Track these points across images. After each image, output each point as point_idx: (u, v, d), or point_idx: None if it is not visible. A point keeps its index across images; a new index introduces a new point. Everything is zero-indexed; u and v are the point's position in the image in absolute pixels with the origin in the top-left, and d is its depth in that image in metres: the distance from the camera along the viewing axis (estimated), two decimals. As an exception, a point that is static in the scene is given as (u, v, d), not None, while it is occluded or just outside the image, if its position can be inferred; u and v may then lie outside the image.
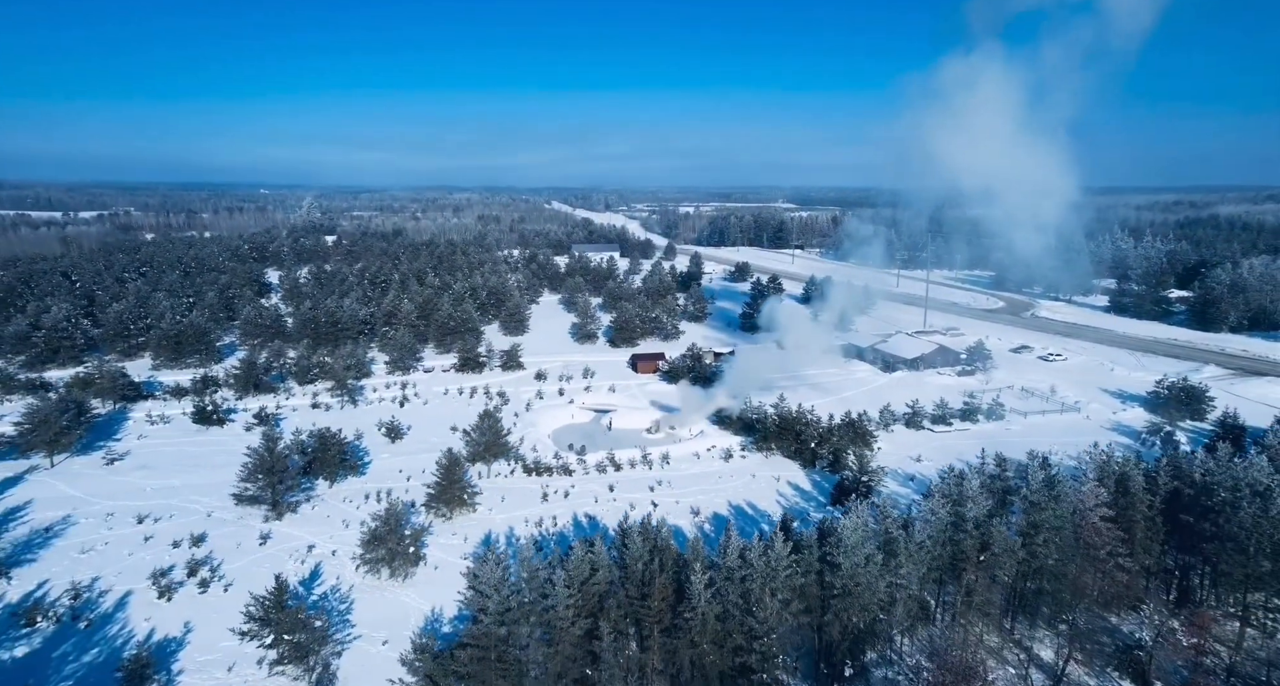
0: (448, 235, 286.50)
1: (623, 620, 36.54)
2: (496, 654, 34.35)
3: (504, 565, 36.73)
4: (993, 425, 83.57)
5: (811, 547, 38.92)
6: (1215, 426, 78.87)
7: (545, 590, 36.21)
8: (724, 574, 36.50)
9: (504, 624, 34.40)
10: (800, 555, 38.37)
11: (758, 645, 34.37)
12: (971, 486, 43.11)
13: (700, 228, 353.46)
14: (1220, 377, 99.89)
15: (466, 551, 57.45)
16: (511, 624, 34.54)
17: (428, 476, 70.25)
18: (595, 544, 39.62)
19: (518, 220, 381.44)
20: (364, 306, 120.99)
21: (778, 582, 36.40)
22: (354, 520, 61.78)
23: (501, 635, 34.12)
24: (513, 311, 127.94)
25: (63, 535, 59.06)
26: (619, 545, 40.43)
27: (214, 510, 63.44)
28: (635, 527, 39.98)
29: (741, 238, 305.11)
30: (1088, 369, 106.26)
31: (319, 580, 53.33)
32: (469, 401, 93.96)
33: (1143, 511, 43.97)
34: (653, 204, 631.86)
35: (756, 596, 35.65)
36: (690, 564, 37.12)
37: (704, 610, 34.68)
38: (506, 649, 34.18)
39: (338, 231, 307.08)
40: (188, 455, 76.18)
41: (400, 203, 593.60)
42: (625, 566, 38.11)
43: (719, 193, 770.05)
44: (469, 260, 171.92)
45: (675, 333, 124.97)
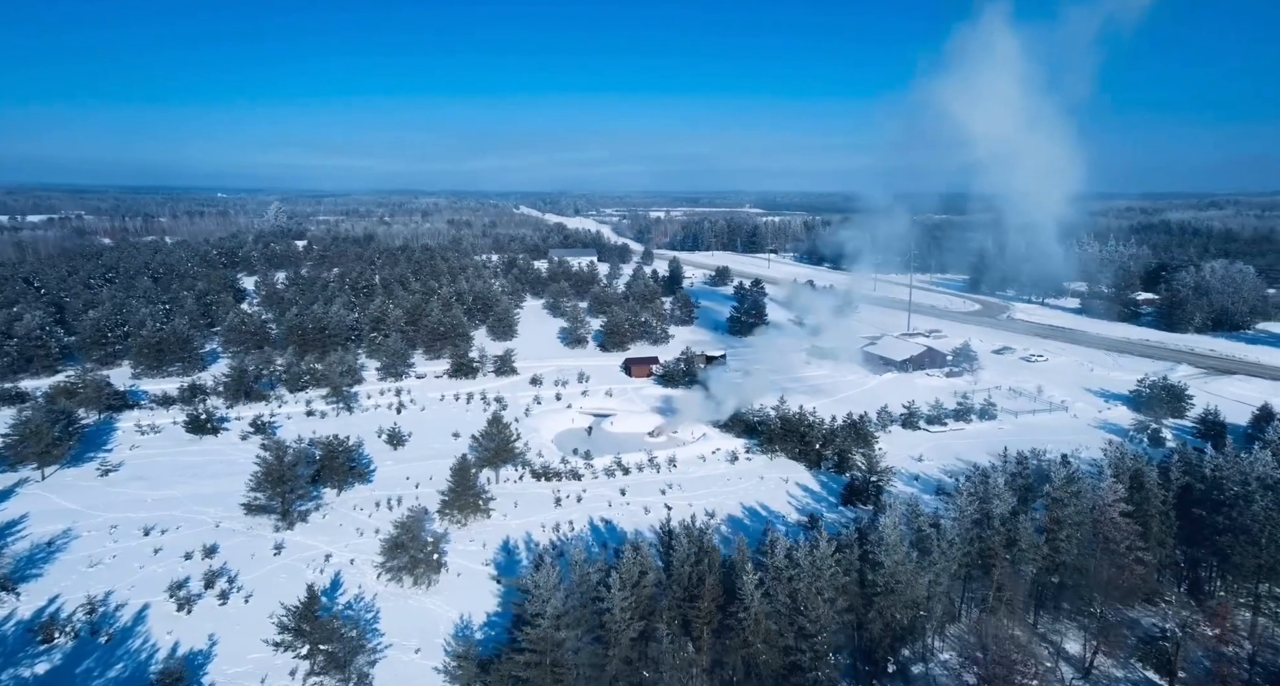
0: (421, 240, 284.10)
1: (671, 622, 36.93)
2: (552, 658, 34.49)
3: (557, 569, 36.85)
4: (986, 425, 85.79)
5: (852, 546, 39.80)
6: (1196, 423, 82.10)
7: (597, 593, 36.43)
8: (771, 574, 37.12)
9: (560, 628, 34.57)
10: (841, 554, 39.22)
11: (808, 644, 35.06)
12: (997, 484, 44.50)
13: (673, 232, 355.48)
14: (1193, 377, 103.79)
15: (487, 558, 57.31)
16: (567, 628, 34.72)
17: (436, 483, 70.04)
18: (640, 547, 39.98)
19: (489, 225, 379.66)
20: (350, 312, 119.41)
21: (822, 582, 37.16)
22: (368, 528, 61.21)
23: (558, 639, 34.28)
24: (501, 316, 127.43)
25: (66, 549, 57.43)
26: (662, 547, 40.82)
27: (221, 520, 62.23)
28: (682, 530, 40.39)
29: (715, 242, 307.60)
30: (1068, 369, 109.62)
31: (341, 589, 52.71)
32: (466, 407, 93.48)
33: (1157, 506, 45.82)
34: (621, 209, 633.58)
35: (804, 596, 36.35)
36: (739, 565, 37.70)
37: (756, 610, 35.26)
38: (561, 653, 34.34)
39: (307, 236, 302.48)
40: (184, 465, 74.55)
41: (366, 207, 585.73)
42: (671, 568, 38.50)
43: (686, 197, 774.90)
44: (450, 265, 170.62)
45: (665, 337, 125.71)
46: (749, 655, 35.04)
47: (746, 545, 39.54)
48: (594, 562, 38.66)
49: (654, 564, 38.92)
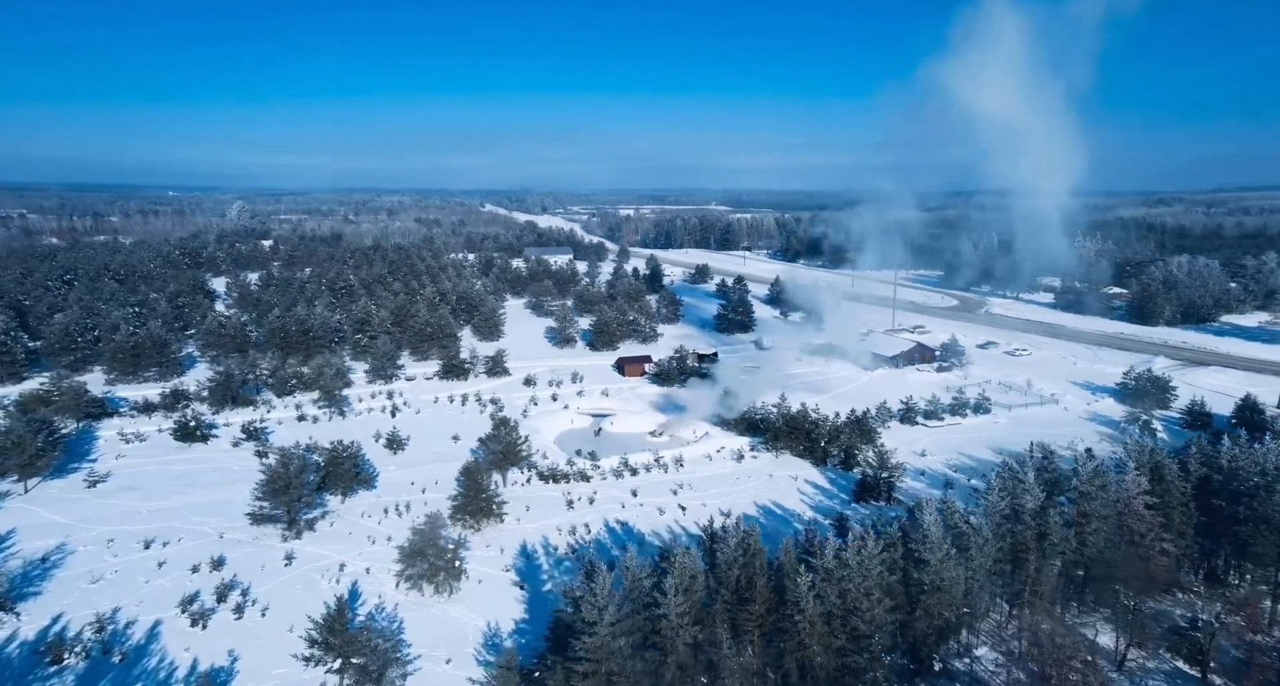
0: (391, 239, 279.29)
1: (722, 626, 36.54)
2: (607, 667, 33.88)
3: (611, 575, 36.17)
4: (981, 419, 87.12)
5: (895, 545, 39.89)
6: (1183, 414, 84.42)
7: (650, 599, 35.86)
8: (821, 575, 36.95)
9: (616, 636, 33.96)
10: (886, 553, 39.24)
11: (863, 644, 35.01)
12: (1028, 479, 45.07)
13: (644, 230, 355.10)
14: (1171, 369, 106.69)
15: (506, 563, 56.38)
16: (622, 635, 34.14)
17: (442, 488, 68.83)
18: (690, 551, 39.55)
19: (458, 223, 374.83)
20: (333, 314, 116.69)
21: (870, 582, 37.14)
22: (379, 536, 59.79)
23: (616, 647, 33.68)
24: (487, 316, 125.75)
25: (62, 565, 54.99)
26: (704, 550, 40.43)
27: (225, 531, 60.23)
28: (730, 533, 40.02)
29: (689, 240, 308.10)
30: (1052, 363, 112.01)
31: (360, 600, 51.33)
32: (462, 409, 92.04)
33: (1178, 498, 46.87)
34: (589, 206, 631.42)
35: (853, 596, 36.29)
36: (788, 566, 37.49)
37: (811, 612, 35.07)
38: (619, 661, 33.75)
39: (272, 236, 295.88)
40: (176, 474, 72.04)
41: (328, 205, 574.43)
42: (717, 571, 38.14)
43: (653, 195, 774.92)
44: (428, 265, 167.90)
45: (653, 335, 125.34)
46: (804, 657, 34.81)
47: (792, 545, 39.33)
48: (643, 568, 38.02)
49: (701, 567, 38.46)
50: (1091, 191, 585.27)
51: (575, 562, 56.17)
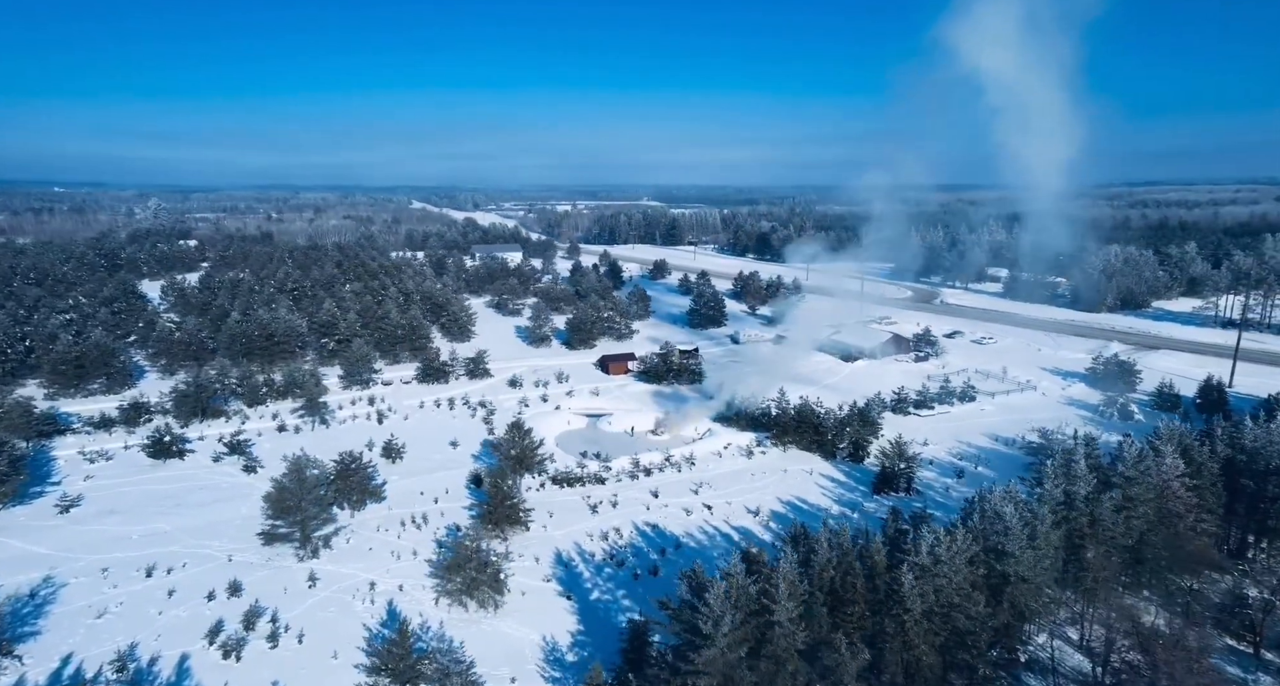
0: (326, 238, 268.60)
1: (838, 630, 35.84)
2: (722, 678, 32.91)
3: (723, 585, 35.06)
4: (969, 407, 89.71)
5: (977, 536, 40.24)
6: (1152, 396, 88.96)
7: (757, 605, 34.97)
8: (916, 572, 36.84)
9: (733, 646, 32.98)
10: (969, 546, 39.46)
11: (970, 640, 35.10)
12: (1080, 467, 46.35)
13: (585, 226, 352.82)
14: (1126, 353, 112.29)
15: (545, 573, 54.45)
16: (739, 644, 33.19)
17: (453, 497, 66.49)
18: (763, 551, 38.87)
19: (392, 221, 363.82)
20: (299, 317, 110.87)
21: (960, 577, 37.29)
22: (402, 550, 56.88)
23: (734, 659, 32.70)
24: (456, 316, 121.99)
25: (56, 600, 50.13)
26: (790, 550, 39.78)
27: (233, 553, 56.14)
28: (823, 532, 39.49)
29: (633, 235, 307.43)
30: (1017, 350, 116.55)
31: (400, 619, 48.51)
32: (451, 414, 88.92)
33: (1208, 478, 49.13)
34: (520, 203, 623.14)
35: (947, 592, 36.34)
36: (877, 564, 37.27)
37: (918, 611, 34.95)
38: (739, 672, 32.80)
39: (194, 235, 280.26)
40: (158, 494, 66.90)
41: (245, 203, 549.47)
42: (810, 572, 37.63)
43: (585, 191, 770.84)
44: (380, 264, 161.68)
45: (629, 332, 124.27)
46: (913, 657, 34.63)
47: (880, 541, 39.19)
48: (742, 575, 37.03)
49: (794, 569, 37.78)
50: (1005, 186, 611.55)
51: (616, 569, 54.86)
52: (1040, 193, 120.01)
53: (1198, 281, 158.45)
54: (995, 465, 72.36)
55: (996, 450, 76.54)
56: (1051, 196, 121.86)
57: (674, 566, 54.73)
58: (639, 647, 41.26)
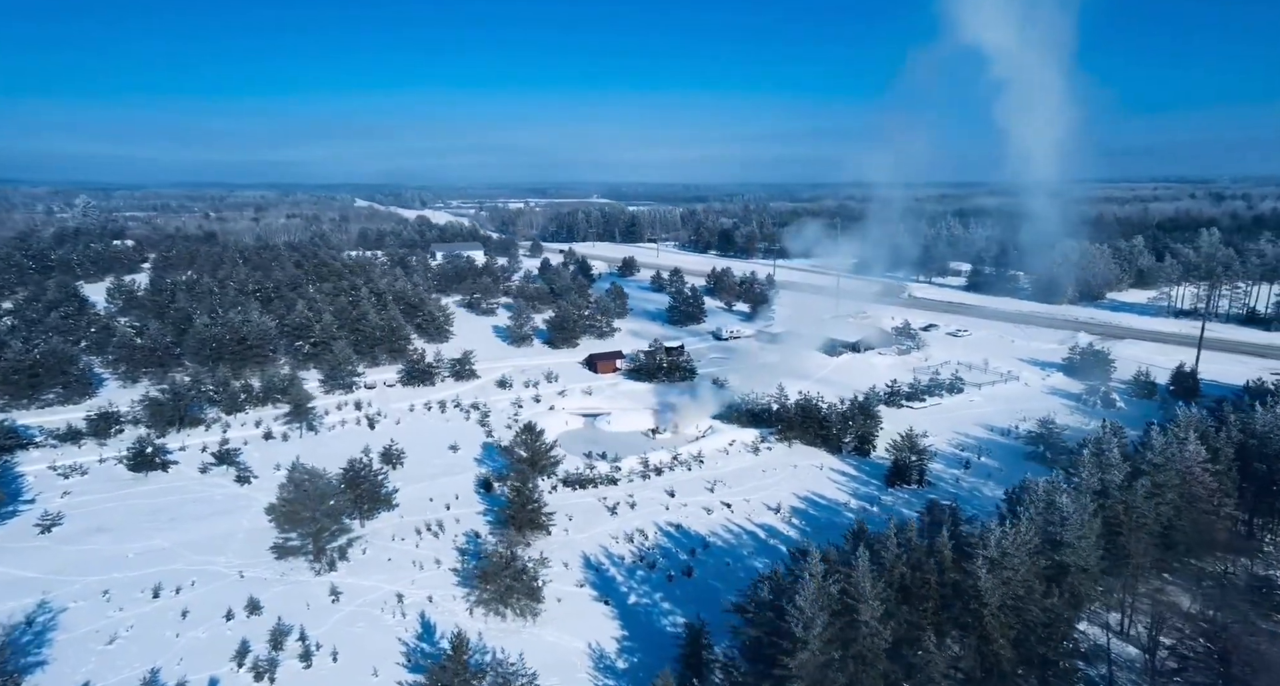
0: (275, 237, 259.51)
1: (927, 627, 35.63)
2: (812, 681, 32.45)
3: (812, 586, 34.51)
4: (959, 398, 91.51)
5: (1036, 528, 40.66)
6: (1130, 384, 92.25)
7: (840, 605, 34.56)
8: (986, 565, 36.99)
9: (827, 646, 32.51)
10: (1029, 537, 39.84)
11: (1045, 632, 35.37)
12: (1114, 455, 47.52)
13: (541, 224, 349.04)
14: (1094, 343, 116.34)
15: (577, 578, 53.17)
16: (831, 644, 32.75)
17: (464, 503, 64.79)
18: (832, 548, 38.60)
19: (340, 220, 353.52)
20: (272, 319, 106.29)
21: (1026, 568, 37.63)
22: (423, 560, 54.90)
23: (826, 662, 32.24)
24: (433, 316, 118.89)
25: (58, 626, 46.70)
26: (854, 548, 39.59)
27: (242, 569, 53.27)
28: (891, 528, 39.34)
29: (591, 233, 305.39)
30: (992, 342, 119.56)
31: (436, 632, 46.76)
32: (444, 417, 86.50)
33: (1224, 463, 50.98)
34: (469, 201, 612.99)
35: (1015, 584, 36.61)
36: (944, 559, 37.37)
37: (995, 605, 35.12)
38: (829, 673, 32.37)
39: (127, 235, 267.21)
40: (146, 510, 63.14)
41: (176, 201, 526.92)
42: (883, 569, 37.48)
43: (533, 189, 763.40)
44: (345, 264, 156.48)
45: (610, 330, 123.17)
46: (990, 651, 34.73)
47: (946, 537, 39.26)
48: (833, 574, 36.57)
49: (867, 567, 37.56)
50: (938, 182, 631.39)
51: (648, 571, 53.99)
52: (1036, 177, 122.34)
53: (1145, 273, 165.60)
54: (996, 455, 73.92)
55: (994, 440, 78.13)
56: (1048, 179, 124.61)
57: (705, 567, 54.43)
58: (696, 652, 40.56)
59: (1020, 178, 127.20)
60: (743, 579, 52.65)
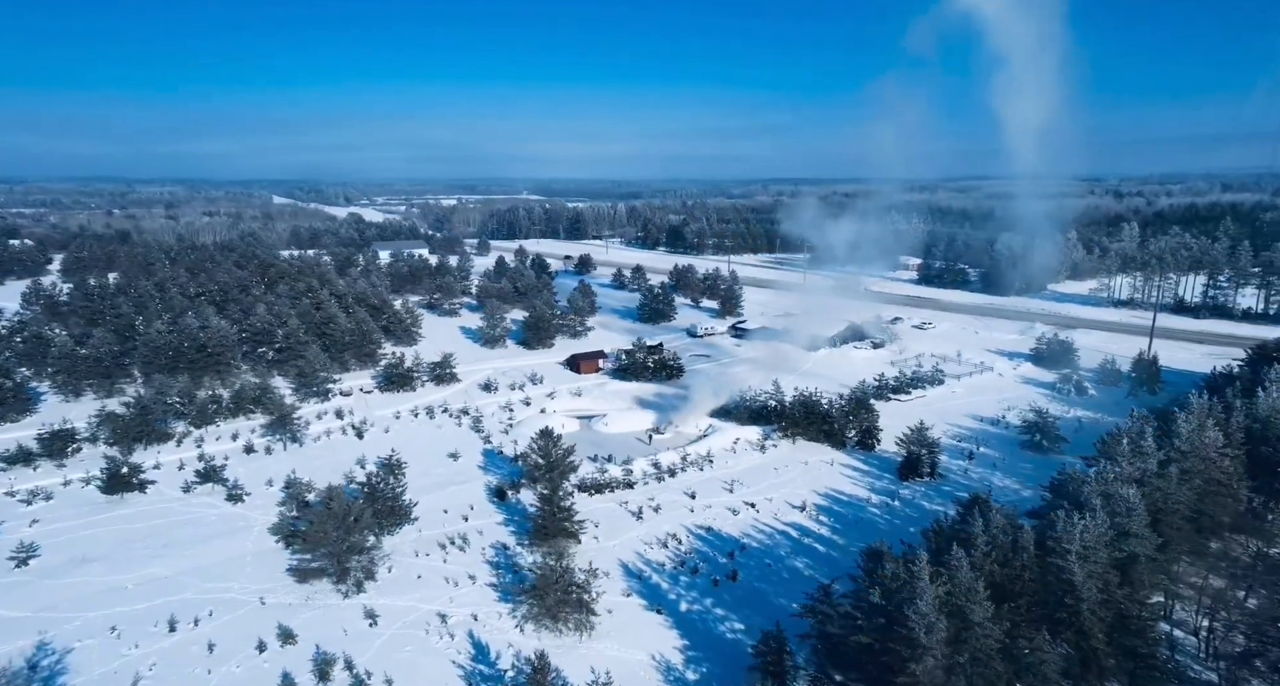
0: (199, 237, 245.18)
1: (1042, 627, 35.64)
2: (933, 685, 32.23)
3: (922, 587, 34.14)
4: (940, 390, 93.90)
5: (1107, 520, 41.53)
6: (1096, 372, 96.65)
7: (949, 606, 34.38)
8: (1077, 559, 37.44)
9: (946, 652, 32.26)
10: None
11: (1135, 625, 36.08)
12: (1149, 443, 49.33)
13: (478, 221, 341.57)
14: (1051, 333, 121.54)
15: (621, 587, 51.64)
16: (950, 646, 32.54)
17: (481, 514, 62.57)
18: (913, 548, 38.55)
19: (263, 217, 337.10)
20: (232, 324, 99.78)
21: (1105, 560, 38.36)
22: (456, 575, 52.36)
23: (949, 666, 32.00)
24: (400, 319, 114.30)
25: (66, 669, 42.30)
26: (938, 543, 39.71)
27: (262, 595, 49.53)
28: (979, 523, 39.47)
29: (534, 230, 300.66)
30: (955, 334, 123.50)
31: (493, 653, 44.49)
32: (435, 424, 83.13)
33: (1236, 447, 53.71)
34: (394, 197, 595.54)
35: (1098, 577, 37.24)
36: (1028, 552, 37.82)
37: (1091, 600, 35.65)
38: (953, 677, 32.17)
39: (23, 234, 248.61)
40: (132, 535, 58.21)
41: (69, 197, 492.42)
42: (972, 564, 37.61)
43: (461, 185, 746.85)
44: (293, 266, 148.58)
45: (584, 330, 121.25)
46: (1089, 647, 35.19)
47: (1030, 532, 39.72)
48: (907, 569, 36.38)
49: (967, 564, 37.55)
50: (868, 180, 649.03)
51: (691, 576, 52.98)
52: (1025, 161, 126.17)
53: (1078, 266, 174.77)
54: (993, 445, 76.03)
55: (986, 430, 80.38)
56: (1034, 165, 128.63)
57: (747, 570, 53.76)
58: (779, 660, 39.85)
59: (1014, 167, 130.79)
60: (787, 580, 52.57)
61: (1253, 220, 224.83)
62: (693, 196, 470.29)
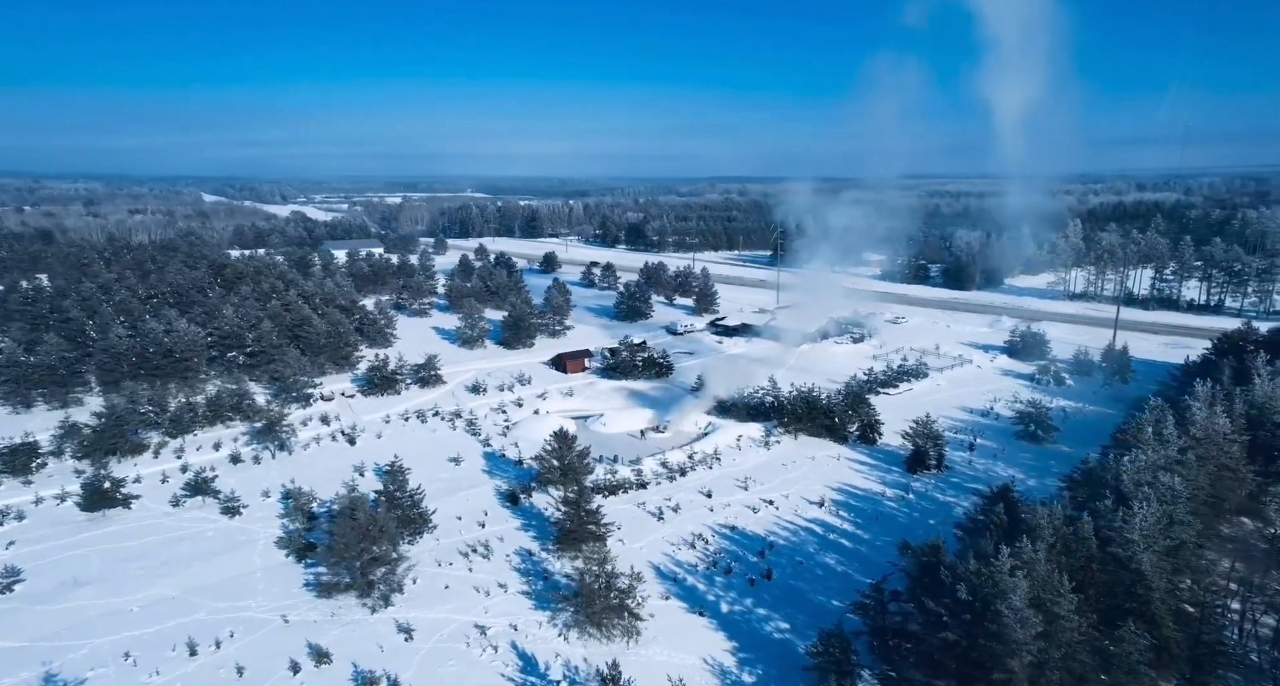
0: (134, 235, 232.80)
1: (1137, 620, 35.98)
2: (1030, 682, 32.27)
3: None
4: (926, 383, 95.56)
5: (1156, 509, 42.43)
6: (1070, 363, 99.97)
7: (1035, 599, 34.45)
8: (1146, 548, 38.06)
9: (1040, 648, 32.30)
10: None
11: (1205, 613, 36.93)
12: (1169, 430, 50.91)
13: (426, 219, 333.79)
14: (1016, 325, 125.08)
15: (658, 590, 50.50)
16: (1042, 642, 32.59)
17: (496, 519, 60.84)
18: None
19: (199, 215, 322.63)
20: (200, 328, 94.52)
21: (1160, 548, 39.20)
22: (486, 585, 50.47)
23: (1043, 661, 32.05)
24: (373, 320, 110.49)
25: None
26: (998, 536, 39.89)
27: (284, 612, 46.75)
28: (1043, 514, 39.75)
29: (488, 228, 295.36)
30: (927, 328, 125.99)
31: (541, 665, 42.91)
32: (430, 427, 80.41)
33: (1239, 431, 56.04)
34: (334, 195, 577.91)
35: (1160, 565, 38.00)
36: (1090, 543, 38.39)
37: (1162, 589, 36.30)
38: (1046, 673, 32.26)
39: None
40: (124, 554, 54.44)
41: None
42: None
43: (404, 183, 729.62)
44: (250, 266, 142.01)
45: (563, 329, 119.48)
46: (1160, 637, 35.76)
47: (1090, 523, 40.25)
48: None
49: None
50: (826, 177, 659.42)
51: (725, 577, 52.30)
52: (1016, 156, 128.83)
53: (1031, 261, 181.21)
54: (988, 436, 77.64)
55: (977, 422, 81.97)
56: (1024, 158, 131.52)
57: (780, 568, 53.29)
58: (845, 659, 39.56)
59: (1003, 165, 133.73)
60: (821, 577, 52.42)
61: (1180, 217, 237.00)
62: (643, 194, 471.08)
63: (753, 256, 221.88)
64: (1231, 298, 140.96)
